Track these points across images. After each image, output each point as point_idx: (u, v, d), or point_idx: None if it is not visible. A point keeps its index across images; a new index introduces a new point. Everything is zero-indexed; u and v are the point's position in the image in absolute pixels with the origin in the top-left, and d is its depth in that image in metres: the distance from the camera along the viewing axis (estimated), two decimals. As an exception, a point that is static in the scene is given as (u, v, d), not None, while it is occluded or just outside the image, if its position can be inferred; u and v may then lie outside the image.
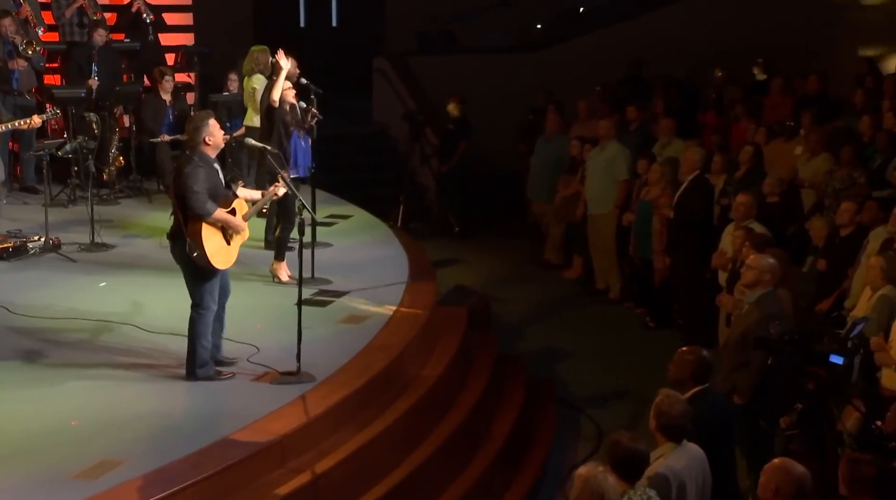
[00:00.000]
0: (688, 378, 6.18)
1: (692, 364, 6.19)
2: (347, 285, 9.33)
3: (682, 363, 6.20)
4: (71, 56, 12.51)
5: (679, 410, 5.57)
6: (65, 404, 6.97)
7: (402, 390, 7.79)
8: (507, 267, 13.34)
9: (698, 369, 6.17)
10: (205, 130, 7.24)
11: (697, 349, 6.28)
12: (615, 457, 5.25)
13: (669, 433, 5.59)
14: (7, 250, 9.72)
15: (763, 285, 7.47)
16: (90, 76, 12.10)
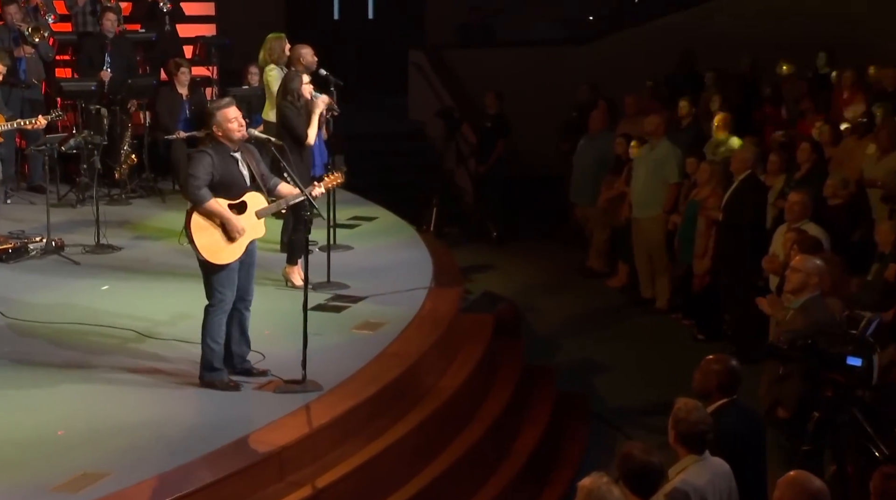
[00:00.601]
0: (713, 389, 6.07)
1: (718, 374, 6.07)
2: (365, 289, 9.31)
3: (708, 373, 6.09)
4: (82, 47, 12.60)
5: (698, 416, 5.48)
6: (52, 412, 6.99)
7: (416, 400, 7.75)
8: (546, 275, 13.26)
9: (725, 380, 6.06)
10: (212, 120, 7.27)
11: (725, 358, 6.18)
12: (627, 470, 5.16)
13: (689, 443, 5.50)
14: (6, 252, 9.80)
15: (809, 289, 7.34)
16: (102, 68, 12.18)
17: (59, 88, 11.78)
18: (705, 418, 5.52)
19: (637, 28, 17.08)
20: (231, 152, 7.30)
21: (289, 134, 9.24)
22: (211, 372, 7.42)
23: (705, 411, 5.56)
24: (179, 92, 12.32)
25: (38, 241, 10.02)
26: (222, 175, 7.26)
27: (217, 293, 7.37)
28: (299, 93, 9.39)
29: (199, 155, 7.24)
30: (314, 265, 9.53)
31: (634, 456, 5.19)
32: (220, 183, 7.26)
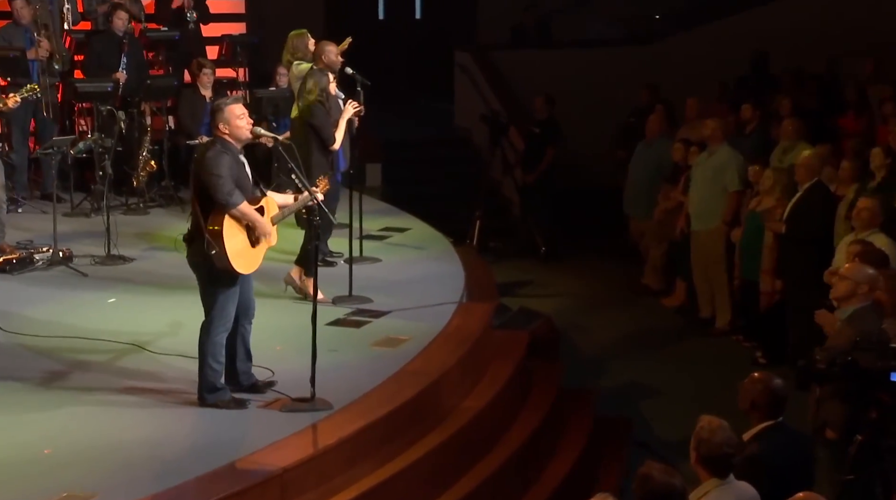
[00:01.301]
0: (749, 409, 6.02)
1: (759, 394, 6.02)
2: (389, 304, 9.34)
3: (748, 392, 6.04)
4: (91, 46, 12.78)
5: (722, 437, 5.43)
6: (42, 430, 7.06)
7: (435, 422, 7.74)
8: (596, 293, 13.23)
9: (762, 400, 6.01)
10: (219, 116, 7.30)
11: (768, 376, 6.12)
12: (646, 492, 5.13)
13: (712, 465, 5.45)
14: (10, 262, 9.95)
15: (858, 298, 7.26)
16: (116, 68, 12.35)
17: (74, 90, 11.93)
18: (730, 439, 5.47)
19: (706, 26, 17.01)
20: (238, 153, 7.34)
21: (316, 136, 9.32)
22: (213, 393, 7.44)
23: (731, 431, 5.51)
24: (202, 94, 12.47)
25: (45, 251, 10.16)
26: (237, 177, 7.27)
27: (221, 309, 7.37)
28: (328, 93, 9.46)
29: (219, 155, 7.20)
30: (337, 278, 9.65)
31: (654, 477, 5.15)
32: (238, 186, 7.26)
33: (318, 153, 9.35)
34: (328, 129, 9.32)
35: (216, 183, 7.12)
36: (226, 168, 7.14)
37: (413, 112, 17.69)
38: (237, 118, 7.29)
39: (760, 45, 15.56)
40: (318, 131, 9.31)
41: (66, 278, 9.95)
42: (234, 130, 7.28)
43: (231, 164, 7.19)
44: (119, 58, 12.44)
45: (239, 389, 7.60)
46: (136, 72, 12.53)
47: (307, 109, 9.43)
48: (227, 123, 7.29)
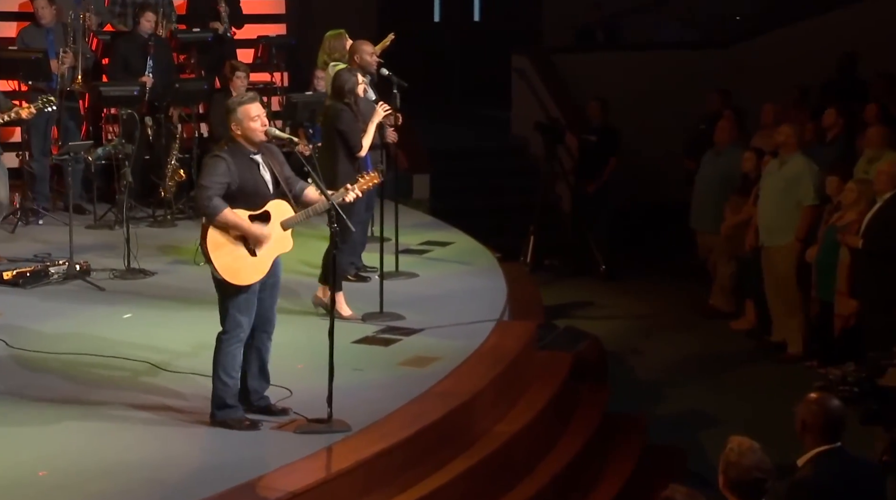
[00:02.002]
0: (800, 431, 5.97)
1: (812, 415, 5.97)
2: (423, 321, 9.38)
3: (800, 413, 6.00)
4: (116, 48, 12.98)
5: (752, 460, 5.42)
6: (39, 450, 7.14)
7: (464, 447, 7.76)
8: (660, 314, 13.22)
9: (819, 421, 5.95)
10: (231, 116, 7.38)
11: (825, 396, 6.08)
12: (667, 516, 5.12)
13: (741, 490, 5.45)
14: (24, 276, 10.13)
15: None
16: (142, 72, 12.52)
17: (98, 94, 12.13)
18: (761, 462, 5.44)
19: (788, 28, 16.91)
20: (251, 155, 7.41)
21: (342, 141, 9.40)
22: (223, 410, 7.51)
23: (763, 454, 5.48)
24: (235, 99, 12.59)
25: (60, 264, 10.32)
26: (242, 182, 7.33)
27: (233, 319, 7.46)
28: (356, 95, 9.53)
29: (213, 161, 7.34)
30: (368, 294, 9.71)
31: (676, 501, 5.15)
32: (240, 191, 7.34)
33: (344, 160, 9.40)
34: (356, 134, 9.37)
35: (199, 193, 7.30)
36: (217, 176, 7.24)
37: (468, 120, 17.76)
38: (251, 119, 7.36)
39: (849, 47, 15.43)
40: (345, 137, 9.37)
41: (81, 292, 10.10)
42: (247, 131, 7.36)
43: (227, 170, 7.27)
44: (145, 61, 12.59)
45: (250, 410, 7.66)
46: (164, 75, 12.69)
47: (333, 113, 9.50)
48: (239, 123, 7.37)
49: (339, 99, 9.49)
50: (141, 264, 10.57)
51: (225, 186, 7.30)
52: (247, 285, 7.43)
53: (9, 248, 11.22)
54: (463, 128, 17.40)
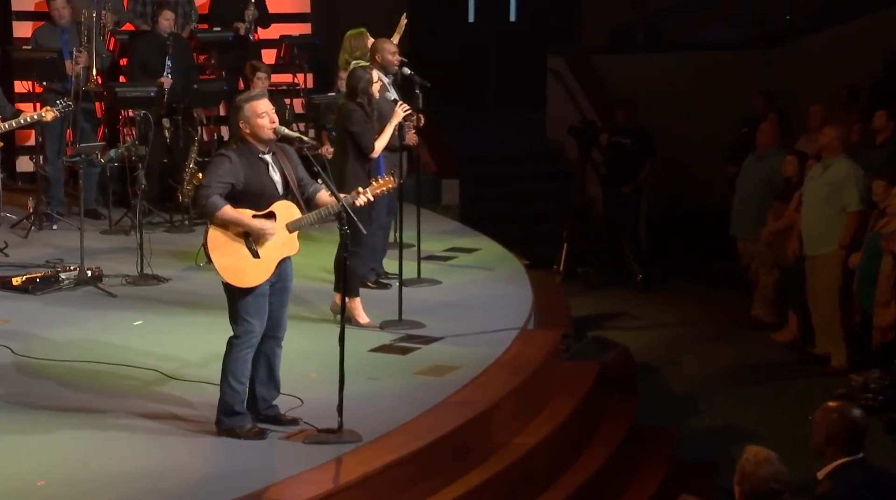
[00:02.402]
0: (824, 443, 5.93)
1: (835, 425, 5.92)
2: (443, 329, 9.40)
3: (823, 425, 5.95)
4: (134, 48, 13.07)
5: (768, 471, 5.40)
6: (40, 460, 7.19)
7: (481, 459, 7.76)
8: (698, 325, 13.19)
9: (836, 432, 5.90)
10: (238, 114, 7.41)
11: (845, 405, 6.02)
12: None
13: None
14: (33, 281, 10.21)
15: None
16: (160, 72, 12.60)
17: (114, 95, 12.22)
18: (778, 473, 5.42)
19: (838, 27, 16.84)
20: (259, 154, 7.43)
21: (353, 142, 9.42)
22: (231, 417, 7.54)
23: (780, 464, 5.46)
24: (256, 100, 12.65)
25: (71, 270, 10.39)
26: (248, 182, 7.35)
27: (244, 323, 7.48)
28: (370, 94, 9.55)
29: (217, 160, 7.38)
30: (388, 301, 9.72)
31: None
32: (246, 192, 7.36)
33: (354, 162, 9.40)
34: (367, 135, 9.38)
35: (198, 191, 7.36)
36: (219, 175, 7.28)
37: (502, 124, 17.76)
38: (258, 116, 7.38)
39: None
40: (355, 138, 9.38)
41: (92, 298, 10.17)
42: (255, 128, 7.38)
43: (231, 170, 7.30)
44: (164, 61, 12.67)
45: (257, 419, 7.67)
46: (183, 76, 12.77)
47: (344, 113, 9.52)
48: (247, 121, 7.39)
49: (352, 98, 9.51)
50: (155, 270, 10.63)
51: (227, 185, 7.32)
52: (253, 287, 7.45)
53: (21, 253, 11.33)
54: (497, 131, 17.40)
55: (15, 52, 12.51)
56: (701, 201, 15.31)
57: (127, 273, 10.60)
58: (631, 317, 13.26)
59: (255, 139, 7.42)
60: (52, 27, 12.74)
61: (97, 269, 10.51)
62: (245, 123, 7.40)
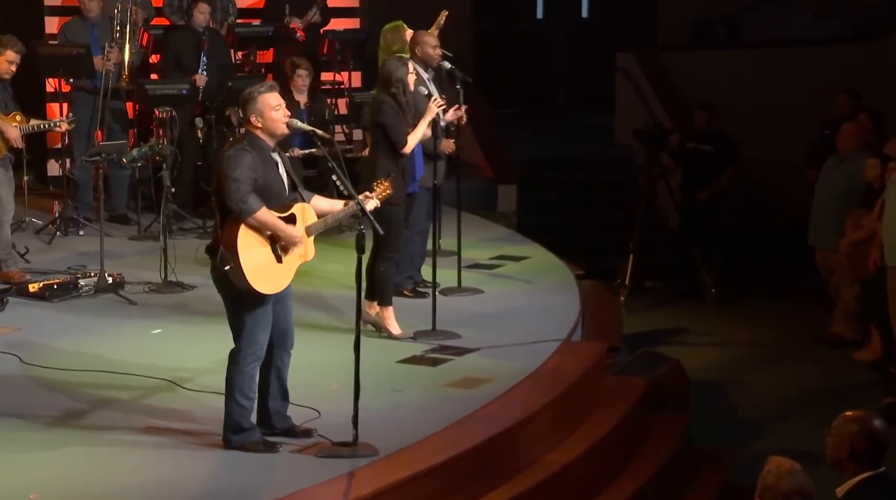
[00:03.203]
0: (845, 458, 5.88)
1: (853, 438, 5.88)
2: (480, 340, 9.45)
3: (840, 437, 5.91)
4: (168, 43, 13.22)
5: (791, 485, 5.38)
6: (35, 473, 7.29)
7: (507, 476, 7.78)
8: (773, 342, 13.11)
9: (861, 445, 5.86)
10: (251, 107, 7.45)
11: (866, 416, 5.97)
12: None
13: (777, 518, 5.37)
14: (51, 288, 10.35)
15: None
16: (195, 69, 12.74)
17: (144, 93, 12.35)
18: (802, 486, 5.41)
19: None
20: (269, 152, 7.50)
21: (384, 135, 9.47)
22: (239, 434, 7.59)
23: (804, 476, 5.42)
24: (297, 99, 12.75)
25: (91, 276, 10.53)
26: (264, 180, 7.41)
27: (251, 336, 7.52)
28: (406, 85, 9.59)
29: (239, 153, 7.37)
30: (424, 310, 9.74)
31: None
32: (262, 190, 7.40)
33: (384, 158, 9.45)
34: (398, 129, 9.43)
35: (229, 187, 7.27)
36: (245, 170, 7.28)
37: (570, 127, 17.79)
38: (272, 109, 7.43)
39: None
40: (386, 131, 9.43)
41: (110, 306, 10.32)
42: (269, 122, 7.42)
43: (253, 164, 7.33)
44: (199, 57, 12.82)
45: (272, 433, 7.74)
46: (219, 73, 12.89)
47: (375, 105, 9.57)
48: (260, 114, 7.43)
49: (385, 89, 9.55)
50: (180, 277, 10.74)
51: (254, 181, 7.36)
52: (265, 297, 7.50)
53: (43, 259, 11.50)
54: (563, 135, 17.45)
55: (40, 47, 12.62)
56: (781, 209, 15.18)
57: (144, 280, 10.72)
58: (698, 333, 13.19)
59: (267, 134, 7.46)
60: (81, 21, 12.92)
61: (118, 275, 10.65)
62: (258, 116, 7.43)
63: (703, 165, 14.45)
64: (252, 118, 7.46)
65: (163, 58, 13.20)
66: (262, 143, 7.46)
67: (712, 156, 14.40)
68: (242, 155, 7.35)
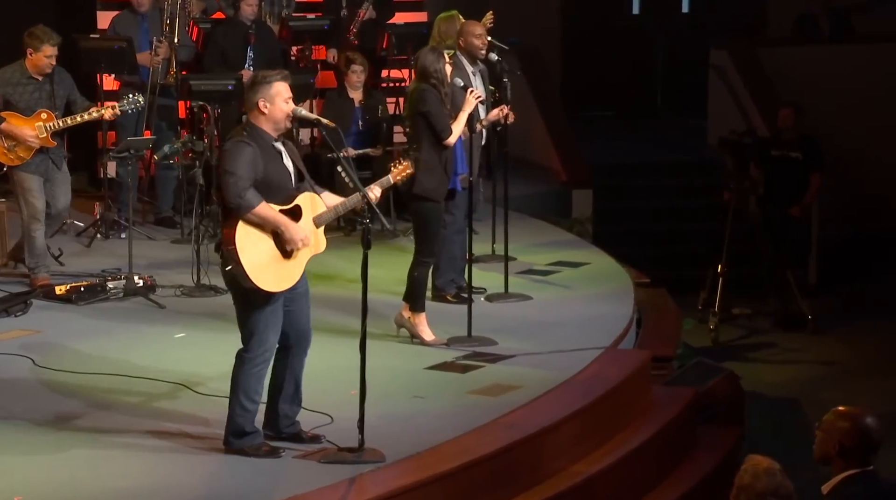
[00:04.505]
0: (834, 454, 5.97)
1: (842, 434, 5.96)
2: (517, 347, 9.61)
3: (829, 432, 6.00)
4: (214, 37, 13.50)
5: (767, 485, 5.46)
6: (24, 475, 7.57)
7: (524, 486, 7.91)
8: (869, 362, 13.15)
9: (851, 442, 5.92)
10: (263, 90, 7.67)
11: (858, 414, 6.04)
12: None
13: (753, 519, 5.48)
14: (77, 291, 10.69)
15: None
16: (241, 64, 13.00)
17: (188, 89, 12.65)
18: (779, 487, 5.48)
19: None
20: (272, 142, 7.72)
21: (427, 125, 9.68)
22: (241, 438, 7.80)
23: (782, 477, 5.52)
24: (350, 97, 13.02)
25: (120, 279, 10.86)
26: (266, 173, 7.62)
27: (260, 336, 7.73)
28: (444, 75, 9.79)
29: (238, 146, 7.59)
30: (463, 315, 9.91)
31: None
32: (263, 183, 7.60)
33: (429, 149, 9.64)
34: (443, 117, 9.62)
35: (227, 181, 7.50)
36: (243, 163, 7.50)
37: (664, 130, 17.83)
38: (284, 100, 7.67)
39: None
40: (429, 119, 9.62)
41: (137, 310, 10.63)
42: (277, 111, 7.63)
43: (253, 158, 7.54)
44: (245, 51, 13.11)
45: (278, 437, 7.95)
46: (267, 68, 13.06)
47: (416, 96, 9.76)
48: (271, 100, 7.64)
49: (424, 80, 9.75)
50: (214, 280, 10.98)
51: (253, 175, 7.56)
52: (275, 295, 7.71)
53: (80, 262, 11.84)
54: (659, 139, 17.47)
55: (82, 41, 12.94)
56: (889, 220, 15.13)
57: (177, 283, 11.03)
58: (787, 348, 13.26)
59: (270, 124, 7.67)
60: (131, 14, 13.23)
61: (149, 278, 10.94)
62: (268, 102, 7.64)
63: (789, 174, 14.15)
64: (260, 103, 7.65)
65: (208, 52, 13.43)
66: (263, 134, 7.66)
67: (799, 163, 14.15)
68: (241, 148, 7.57)
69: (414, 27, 14.30)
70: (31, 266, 11.12)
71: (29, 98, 10.88)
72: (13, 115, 10.78)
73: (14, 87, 10.89)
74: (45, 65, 10.87)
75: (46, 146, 10.88)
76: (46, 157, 10.98)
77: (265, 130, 7.69)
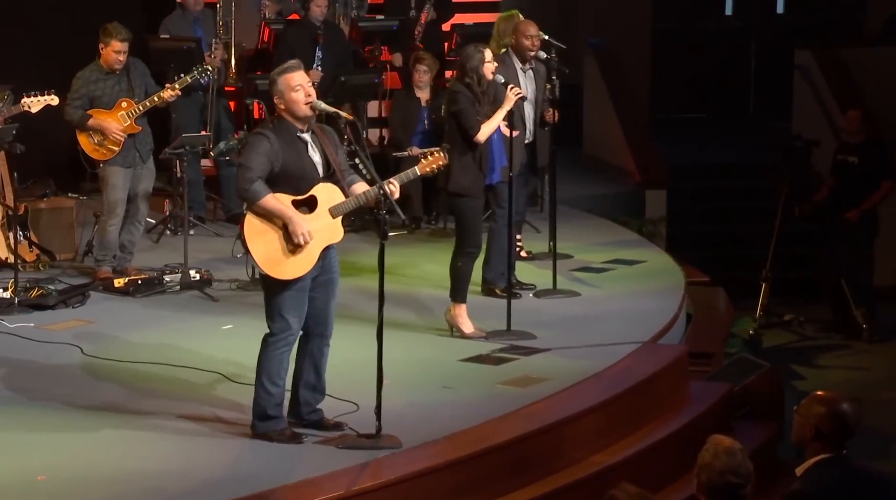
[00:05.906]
0: (809, 438, 6.16)
1: (818, 418, 6.15)
2: (555, 341, 9.85)
3: (806, 416, 6.19)
4: (283, 37, 13.87)
5: (726, 463, 5.63)
6: (49, 455, 7.97)
7: (540, 475, 8.12)
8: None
9: (826, 427, 6.12)
10: (273, 90, 8.03)
11: (835, 399, 6.24)
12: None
13: (713, 497, 5.67)
14: (135, 284, 11.12)
15: None
16: (310, 64, 13.29)
17: (254, 87, 13.01)
18: (738, 466, 5.66)
19: None
20: (297, 133, 8.03)
21: (458, 126, 9.96)
22: (265, 422, 8.14)
23: (742, 457, 5.70)
24: (417, 96, 13.31)
25: (177, 272, 11.27)
26: (286, 163, 7.94)
27: (281, 320, 8.07)
28: (480, 74, 10.05)
29: (255, 139, 7.98)
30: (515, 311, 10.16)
31: (618, 499, 5.50)
32: (283, 174, 7.95)
33: (463, 148, 9.95)
34: (470, 116, 9.89)
35: (238, 173, 7.92)
36: (256, 155, 7.86)
37: (751, 131, 17.90)
38: (292, 90, 7.97)
39: None
40: (459, 118, 9.92)
41: (190, 302, 11.04)
42: (289, 104, 7.96)
43: (270, 149, 7.88)
44: (314, 52, 13.46)
45: (300, 423, 8.28)
46: (336, 69, 13.48)
47: (450, 96, 10.08)
48: (281, 95, 7.99)
49: (461, 79, 10.05)
50: (265, 275, 11.34)
51: (267, 167, 7.91)
52: (294, 280, 8.05)
53: (146, 258, 12.20)
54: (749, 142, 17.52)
55: (151, 41, 13.35)
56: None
57: (234, 278, 11.40)
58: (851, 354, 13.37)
59: (292, 116, 8.01)
60: (182, 15, 13.66)
61: (206, 273, 11.34)
62: (279, 97, 8.00)
63: (850, 179, 13.86)
64: (276, 99, 8.04)
65: (278, 52, 13.75)
66: (289, 125, 8.00)
67: (863, 168, 13.83)
68: (258, 140, 7.94)
69: (481, 27, 14.53)
70: (99, 259, 11.57)
71: (111, 92, 11.32)
72: (97, 111, 11.23)
73: (95, 83, 11.32)
74: (114, 60, 11.25)
75: (132, 133, 11.30)
76: (133, 147, 11.40)
77: (290, 121, 8.01)
